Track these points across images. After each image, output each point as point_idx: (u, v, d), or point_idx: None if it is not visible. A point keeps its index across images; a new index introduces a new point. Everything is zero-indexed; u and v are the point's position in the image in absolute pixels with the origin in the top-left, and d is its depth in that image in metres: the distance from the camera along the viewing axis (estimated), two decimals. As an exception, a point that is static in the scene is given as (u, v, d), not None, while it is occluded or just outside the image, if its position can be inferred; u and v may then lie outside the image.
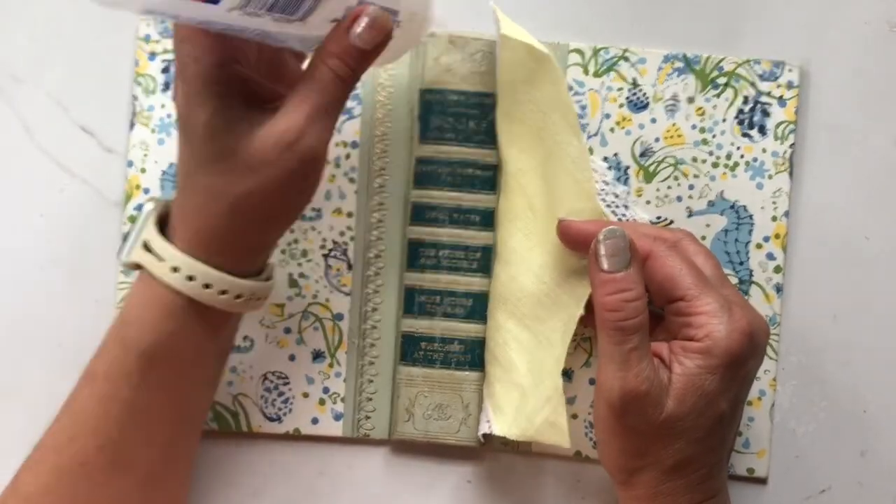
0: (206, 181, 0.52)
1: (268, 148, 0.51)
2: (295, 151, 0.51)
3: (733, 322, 0.53)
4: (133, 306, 0.55)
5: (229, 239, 0.53)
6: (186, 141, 0.52)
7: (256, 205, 0.52)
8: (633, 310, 0.54)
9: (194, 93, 0.51)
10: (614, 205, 0.65)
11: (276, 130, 0.51)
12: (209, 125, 0.51)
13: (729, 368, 0.53)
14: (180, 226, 0.53)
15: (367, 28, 0.52)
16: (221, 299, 0.54)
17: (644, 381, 0.53)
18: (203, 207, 0.52)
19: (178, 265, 0.53)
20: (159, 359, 0.54)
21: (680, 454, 0.53)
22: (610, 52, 0.66)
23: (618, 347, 0.53)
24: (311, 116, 0.52)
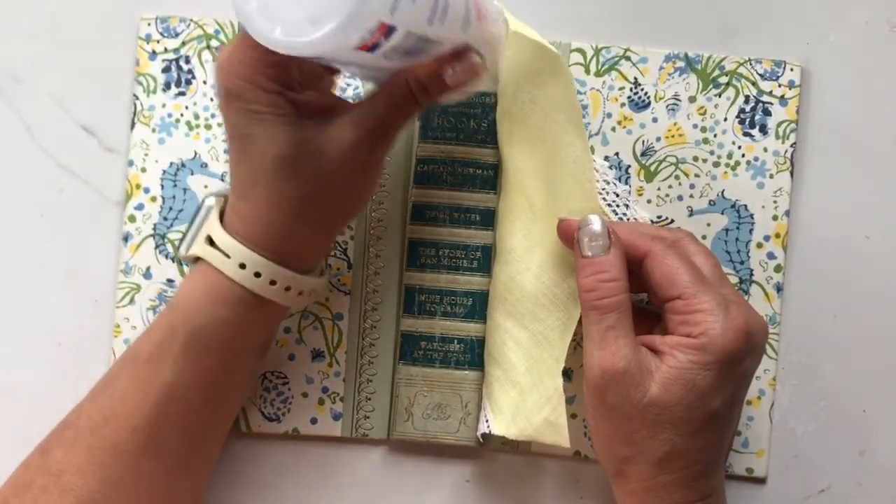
0: (272, 189, 0.53)
1: (336, 157, 0.53)
2: (361, 160, 0.54)
3: (730, 320, 0.53)
4: (187, 294, 0.56)
5: (294, 239, 0.55)
6: (245, 155, 0.53)
7: (322, 209, 0.55)
8: (608, 289, 0.55)
9: (254, 114, 0.52)
10: (615, 204, 0.65)
11: (345, 139, 0.53)
12: (273, 140, 0.52)
13: (724, 366, 0.53)
14: (242, 225, 0.55)
15: (463, 70, 0.54)
16: (284, 295, 0.56)
17: (621, 358, 0.53)
18: (269, 212, 0.54)
19: (244, 261, 0.54)
20: (207, 345, 0.55)
21: (668, 445, 0.53)
22: (611, 51, 0.66)
23: (595, 326, 0.55)
24: (378, 129, 0.54)
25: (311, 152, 0.53)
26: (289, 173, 0.53)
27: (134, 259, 0.66)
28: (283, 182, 0.53)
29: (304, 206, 0.54)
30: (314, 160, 0.53)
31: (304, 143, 0.52)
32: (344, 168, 0.53)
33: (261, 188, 0.53)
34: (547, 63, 0.61)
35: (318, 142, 0.53)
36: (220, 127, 0.66)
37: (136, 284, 0.66)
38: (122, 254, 0.66)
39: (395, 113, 0.55)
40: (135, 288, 0.66)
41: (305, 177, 0.53)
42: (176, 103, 0.66)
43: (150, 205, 0.66)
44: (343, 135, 0.53)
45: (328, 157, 0.53)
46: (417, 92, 0.54)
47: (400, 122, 0.55)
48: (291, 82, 0.54)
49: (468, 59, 0.54)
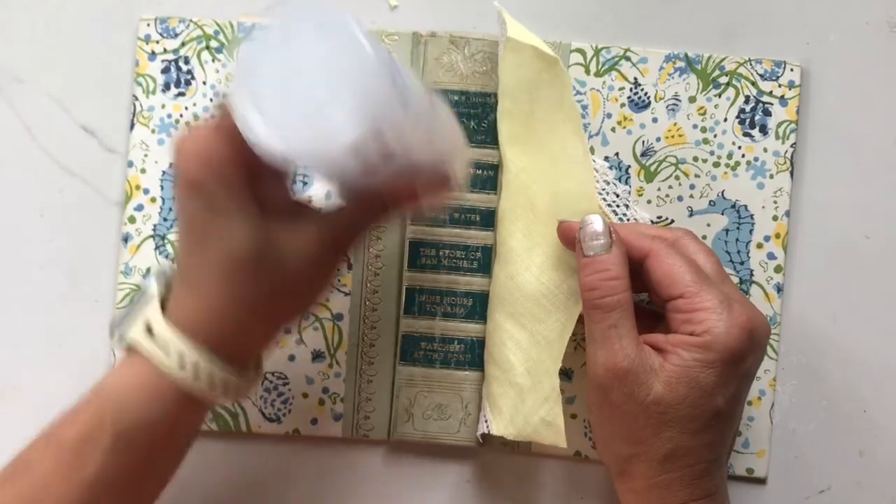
0: (226, 287, 0.51)
1: (299, 259, 0.52)
2: (322, 263, 0.53)
3: (733, 318, 0.53)
4: (119, 384, 0.52)
5: (241, 335, 0.53)
6: (201, 250, 0.51)
7: (276, 308, 0.53)
8: (609, 288, 0.55)
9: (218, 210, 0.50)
10: (615, 204, 0.65)
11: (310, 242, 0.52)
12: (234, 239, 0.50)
13: (727, 364, 0.53)
14: (187, 320, 0.52)
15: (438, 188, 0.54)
16: (221, 397, 0.53)
17: (624, 357, 0.53)
18: (220, 309, 0.51)
19: (185, 359, 0.51)
20: (137, 442, 0.52)
21: (672, 443, 0.53)
22: (611, 51, 0.66)
23: (597, 326, 0.55)
24: (345, 235, 0.54)
25: (271, 254, 0.51)
26: (246, 276, 0.50)
27: (134, 260, 0.66)
28: (238, 282, 0.50)
29: (255, 309, 0.51)
30: (273, 263, 0.51)
31: (266, 245, 0.50)
32: (304, 270, 0.52)
33: (214, 286, 0.51)
34: (545, 65, 0.61)
35: (280, 245, 0.51)
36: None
37: (135, 285, 0.66)
38: (122, 255, 0.66)
39: (363, 222, 0.54)
40: (135, 289, 0.66)
41: (263, 278, 0.51)
42: (175, 104, 0.66)
43: (149, 206, 0.66)
44: (307, 240, 0.52)
45: (289, 260, 0.51)
46: (389, 199, 0.54)
47: (365, 230, 0.55)
48: (260, 178, 0.52)
49: (444, 177, 0.54)
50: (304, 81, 0.42)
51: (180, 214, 0.51)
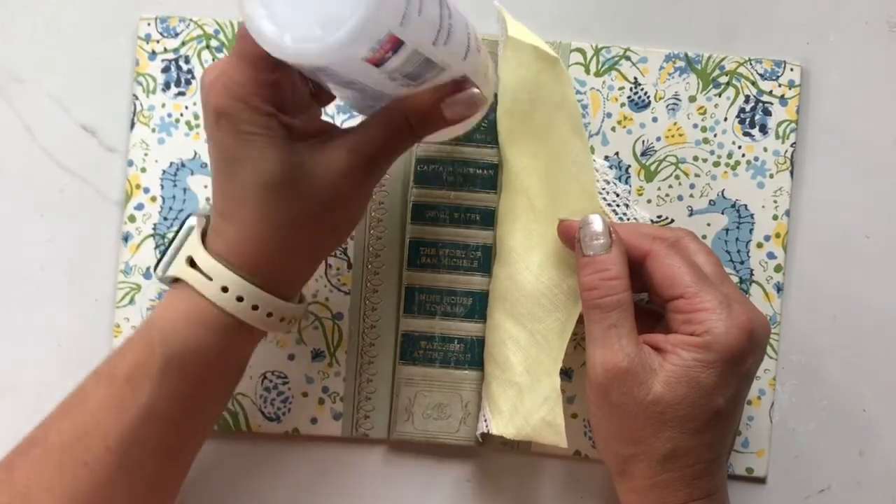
0: (260, 212, 0.52)
1: (328, 183, 0.52)
2: (352, 188, 0.53)
3: (733, 318, 0.53)
4: (166, 315, 0.54)
5: (278, 264, 0.54)
6: (234, 177, 0.52)
7: (309, 235, 0.54)
8: (609, 287, 0.55)
9: (246, 135, 0.51)
10: (615, 204, 0.65)
11: (338, 166, 0.52)
12: (265, 163, 0.51)
13: (727, 364, 0.53)
14: (226, 247, 0.53)
15: (463, 104, 0.54)
16: (266, 321, 0.54)
17: (624, 357, 0.54)
18: (256, 235, 0.53)
19: (227, 285, 0.53)
20: (186, 368, 0.53)
21: (672, 443, 0.53)
22: (611, 51, 0.66)
23: (597, 325, 0.55)
24: (373, 158, 0.53)
25: (302, 177, 0.52)
26: (279, 197, 0.52)
27: (134, 259, 0.66)
28: (272, 205, 0.52)
29: (291, 231, 0.53)
30: (305, 185, 0.52)
31: (296, 167, 0.51)
32: (334, 195, 0.53)
33: (248, 210, 0.52)
34: (545, 65, 0.61)
35: (310, 166, 0.52)
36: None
37: (135, 284, 0.66)
38: (122, 254, 0.66)
39: (390, 143, 0.54)
40: (135, 288, 0.66)
41: (295, 201, 0.52)
42: (176, 103, 0.66)
43: (149, 205, 0.66)
44: (336, 161, 0.52)
45: (319, 183, 0.52)
46: (415, 123, 0.54)
47: (394, 152, 0.55)
48: (284, 104, 0.53)
49: (468, 92, 0.54)
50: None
51: (211, 145, 0.53)
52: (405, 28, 0.44)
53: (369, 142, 0.53)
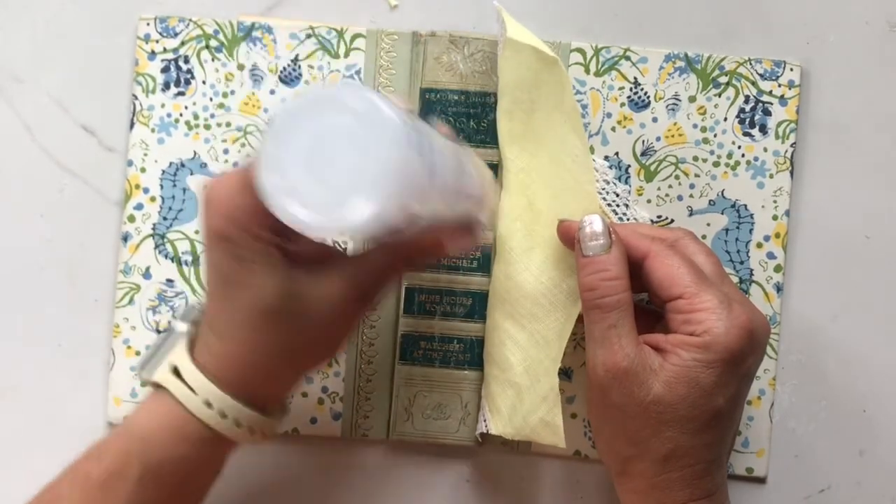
0: (253, 336, 0.52)
1: (323, 311, 0.52)
2: (347, 315, 0.54)
3: (733, 318, 0.53)
4: (145, 422, 0.54)
5: (265, 382, 0.54)
6: (229, 300, 0.52)
7: (300, 356, 0.54)
8: (609, 288, 0.55)
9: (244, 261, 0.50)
10: (615, 204, 0.65)
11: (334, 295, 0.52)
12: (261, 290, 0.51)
13: (727, 364, 0.53)
14: (213, 361, 0.53)
15: (465, 242, 0.56)
16: (247, 437, 0.54)
17: (624, 357, 0.53)
18: (246, 356, 0.52)
19: (212, 400, 0.52)
20: (163, 479, 0.53)
21: (672, 443, 0.53)
22: (611, 51, 0.66)
23: (597, 325, 0.55)
24: (370, 288, 0.54)
25: (297, 306, 0.51)
26: (273, 325, 0.51)
27: (133, 259, 0.66)
28: (265, 332, 0.51)
29: (280, 356, 0.53)
30: (299, 314, 0.51)
31: (292, 297, 0.51)
32: (329, 319, 0.52)
33: (242, 334, 0.52)
34: (545, 65, 0.61)
35: (306, 295, 0.51)
36: (219, 127, 0.66)
37: (135, 284, 0.66)
38: (122, 254, 0.66)
39: (388, 274, 0.55)
40: (134, 288, 0.66)
41: (289, 328, 0.52)
42: (175, 103, 0.66)
43: (149, 205, 0.66)
44: (332, 291, 0.52)
45: (314, 311, 0.52)
46: (416, 255, 0.54)
47: (392, 282, 0.55)
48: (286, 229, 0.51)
49: (473, 232, 0.55)
50: (330, 154, 0.42)
51: (208, 263, 0.52)
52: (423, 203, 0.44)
53: (367, 273, 0.53)
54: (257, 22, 0.66)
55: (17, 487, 0.66)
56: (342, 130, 0.42)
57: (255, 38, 0.66)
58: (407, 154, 0.41)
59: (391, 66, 0.66)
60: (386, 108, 0.41)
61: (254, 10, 0.67)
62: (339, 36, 0.66)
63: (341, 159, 0.42)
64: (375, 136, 0.41)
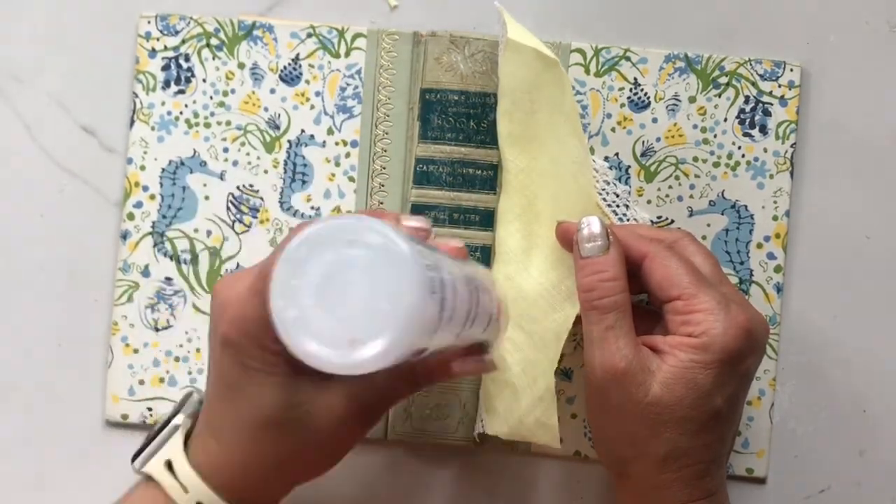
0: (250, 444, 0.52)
1: (323, 425, 0.51)
2: (347, 431, 0.53)
3: (731, 319, 0.53)
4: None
5: (258, 489, 0.53)
6: (230, 405, 0.52)
7: (296, 467, 0.54)
8: (607, 289, 0.55)
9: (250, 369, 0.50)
10: (615, 204, 0.65)
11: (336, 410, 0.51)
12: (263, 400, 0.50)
13: (726, 365, 0.53)
14: (207, 461, 0.53)
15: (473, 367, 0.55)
16: None
17: (622, 358, 0.53)
18: (241, 461, 0.52)
19: (202, 501, 0.52)
20: None
21: (671, 444, 0.53)
22: (611, 51, 0.66)
23: (595, 326, 0.55)
24: (372, 406, 0.53)
25: (298, 418, 0.51)
26: (272, 435, 0.51)
27: (132, 257, 0.66)
28: (264, 441, 0.51)
29: (279, 465, 0.53)
30: (300, 427, 0.51)
31: (294, 408, 0.51)
32: (330, 434, 0.52)
33: (240, 440, 0.52)
34: (545, 66, 0.61)
35: (307, 407, 0.51)
36: (219, 125, 0.66)
37: (134, 282, 0.66)
38: (121, 251, 0.66)
39: (393, 393, 0.54)
40: (133, 286, 0.66)
41: (288, 440, 0.52)
42: (175, 101, 0.66)
43: (148, 203, 0.66)
44: (335, 405, 0.51)
45: (315, 425, 0.51)
46: (421, 377, 0.54)
47: (395, 401, 0.55)
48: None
49: (480, 359, 0.54)
50: (343, 288, 0.42)
51: (213, 365, 0.53)
52: (434, 339, 0.44)
53: (372, 390, 0.52)
54: (258, 21, 0.66)
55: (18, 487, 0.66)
56: (357, 264, 0.41)
57: (256, 37, 0.66)
58: (420, 293, 0.41)
59: (391, 66, 0.66)
60: (402, 244, 0.41)
61: (254, 9, 0.67)
62: (339, 35, 0.66)
63: (354, 295, 0.41)
64: (389, 274, 0.41)
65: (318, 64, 0.66)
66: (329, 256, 0.42)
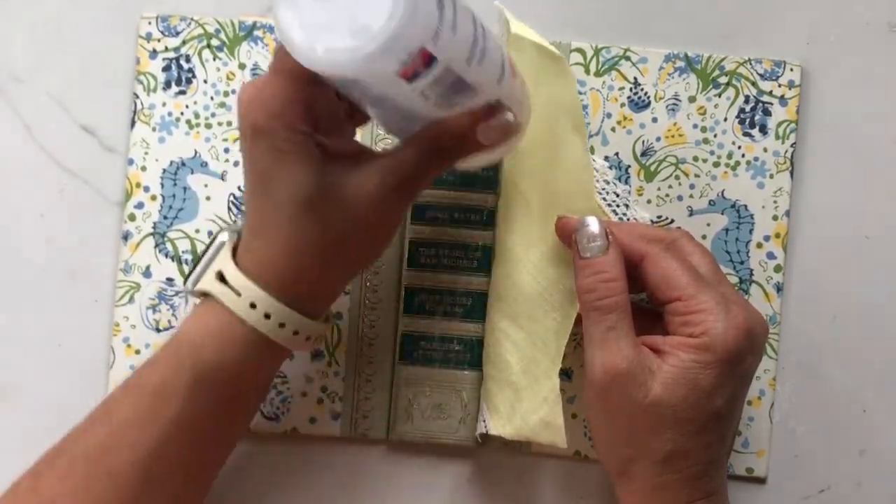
0: (292, 231, 0.52)
1: (360, 205, 0.52)
2: (384, 211, 0.53)
3: (730, 319, 0.54)
4: (195, 330, 0.55)
5: (307, 283, 0.54)
6: (267, 195, 0.52)
7: (339, 255, 0.54)
8: (607, 289, 0.55)
9: (281, 153, 0.51)
10: (615, 204, 0.65)
11: (371, 188, 0.52)
12: (299, 182, 0.51)
13: (726, 365, 0.53)
14: (256, 264, 0.53)
15: (498, 130, 0.53)
16: (292, 339, 0.54)
17: (623, 359, 0.53)
18: (286, 254, 0.53)
19: (256, 301, 0.53)
20: (214, 384, 0.54)
21: (671, 444, 0.53)
22: (611, 51, 0.66)
23: (596, 327, 0.55)
24: (405, 182, 0.53)
25: (335, 198, 0.51)
26: (311, 217, 0.52)
27: (133, 258, 0.66)
28: (304, 225, 0.52)
29: (322, 252, 0.53)
30: (338, 206, 0.52)
31: (330, 188, 0.51)
32: (366, 217, 0.52)
33: (280, 229, 0.52)
34: (550, 63, 0.61)
35: (343, 188, 0.52)
36: (220, 126, 0.66)
37: (135, 283, 0.66)
38: (122, 252, 0.66)
39: (423, 167, 0.53)
40: (134, 287, 0.66)
41: (327, 222, 0.52)
42: (176, 102, 0.66)
43: (149, 203, 0.66)
44: (369, 183, 0.52)
45: (352, 205, 0.52)
46: (448, 148, 0.53)
47: (427, 177, 0.54)
48: (320, 124, 0.52)
49: (501, 117, 0.53)
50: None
51: (246, 161, 0.53)
52: (438, 43, 0.43)
53: (402, 165, 0.52)
54: (258, 21, 0.66)
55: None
56: None
57: (257, 38, 0.66)
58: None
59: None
60: None
61: (255, 10, 0.67)
62: (339, 36, 0.66)
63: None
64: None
65: (319, 64, 0.66)
66: None
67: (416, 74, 0.44)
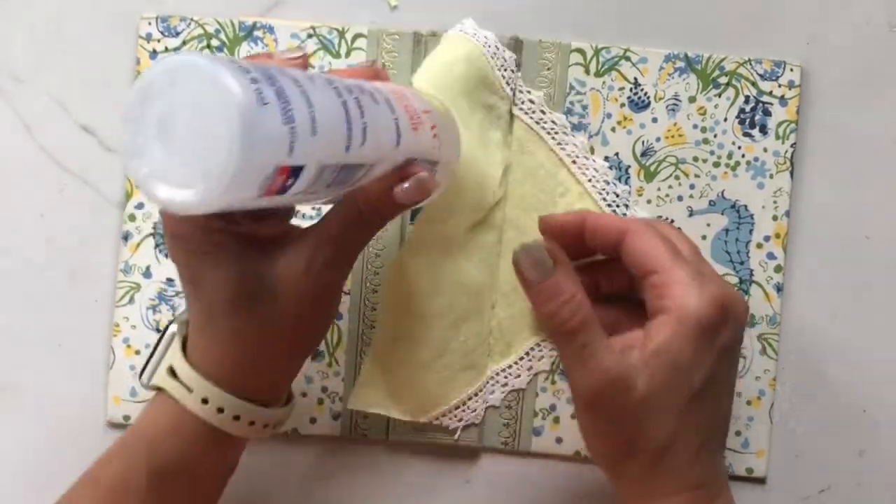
0: (228, 328, 0.52)
1: (290, 289, 0.51)
2: (318, 288, 0.53)
3: (703, 291, 0.53)
4: (149, 425, 0.54)
5: (255, 373, 0.54)
6: (198, 295, 0.52)
7: (282, 342, 0.53)
8: (568, 311, 0.54)
9: (201, 254, 0.51)
10: (615, 204, 0.65)
11: (298, 270, 0.51)
12: (223, 281, 0.51)
13: (700, 338, 0.53)
14: (203, 359, 0.53)
15: (413, 188, 0.52)
16: (248, 429, 0.54)
17: (603, 372, 0.53)
18: (228, 349, 0.52)
19: (207, 396, 0.52)
20: (171, 479, 0.53)
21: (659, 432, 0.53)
22: (611, 51, 0.66)
23: (569, 348, 0.54)
24: (333, 256, 0.52)
25: (267, 288, 0.51)
26: (243, 312, 0.51)
27: (134, 258, 0.66)
28: (238, 321, 0.52)
29: (265, 343, 0.53)
30: (271, 295, 0.51)
31: (260, 280, 0.51)
32: (303, 298, 0.52)
33: (219, 329, 0.52)
34: (461, 55, 0.63)
35: (269, 276, 0.51)
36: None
37: (135, 283, 0.66)
38: (122, 253, 0.66)
39: (351, 238, 0.53)
40: (134, 287, 0.66)
41: (264, 314, 0.52)
42: (176, 102, 0.66)
43: (150, 203, 0.66)
44: (298, 265, 0.51)
45: (282, 291, 0.51)
46: (369, 213, 0.52)
47: (356, 245, 0.54)
48: (236, 216, 0.52)
49: (415, 178, 0.52)
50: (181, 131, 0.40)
51: (175, 264, 0.53)
52: (296, 154, 0.41)
53: (327, 241, 0.52)
54: (258, 21, 0.66)
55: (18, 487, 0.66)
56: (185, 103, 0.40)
57: (257, 38, 0.66)
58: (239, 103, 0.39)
59: (392, 66, 0.66)
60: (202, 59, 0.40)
61: (255, 10, 0.67)
62: (340, 36, 0.66)
63: (190, 134, 0.40)
64: (205, 95, 0.39)
65: (319, 64, 0.66)
66: (161, 103, 0.40)
67: (285, 188, 0.42)
